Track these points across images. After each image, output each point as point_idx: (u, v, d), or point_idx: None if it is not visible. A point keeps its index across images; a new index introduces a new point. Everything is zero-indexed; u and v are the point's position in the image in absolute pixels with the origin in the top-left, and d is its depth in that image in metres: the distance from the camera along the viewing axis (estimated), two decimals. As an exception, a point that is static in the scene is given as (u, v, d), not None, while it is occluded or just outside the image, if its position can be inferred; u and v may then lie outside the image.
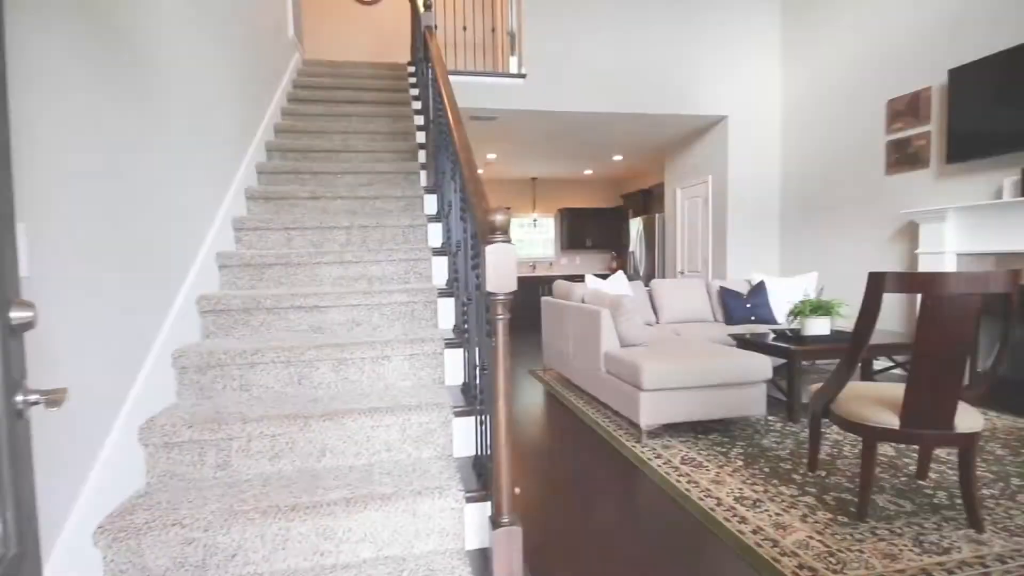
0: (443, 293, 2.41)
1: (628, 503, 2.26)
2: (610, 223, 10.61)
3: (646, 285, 5.18)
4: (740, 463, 2.61)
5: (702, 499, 2.23)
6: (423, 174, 3.46)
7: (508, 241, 1.30)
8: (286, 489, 1.63)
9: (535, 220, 10.63)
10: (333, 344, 2.05)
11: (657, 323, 4.88)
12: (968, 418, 1.93)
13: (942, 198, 4.21)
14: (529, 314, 9.89)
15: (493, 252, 1.27)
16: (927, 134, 4.32)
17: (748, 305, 4.65)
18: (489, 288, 1.28)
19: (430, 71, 3.21)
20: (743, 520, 2.04)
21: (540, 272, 10.54)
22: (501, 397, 1.36)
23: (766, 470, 2.51)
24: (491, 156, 7.99)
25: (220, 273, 2.52)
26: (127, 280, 1.69)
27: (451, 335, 2.21)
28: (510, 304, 1.33)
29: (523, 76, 5.39)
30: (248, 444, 1.76)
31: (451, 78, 5.26)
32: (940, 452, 2.64)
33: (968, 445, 1.92)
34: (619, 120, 6.03)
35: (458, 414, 1.85)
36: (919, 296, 1.82)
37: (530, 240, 10.73)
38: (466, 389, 2.00)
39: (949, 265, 4.03)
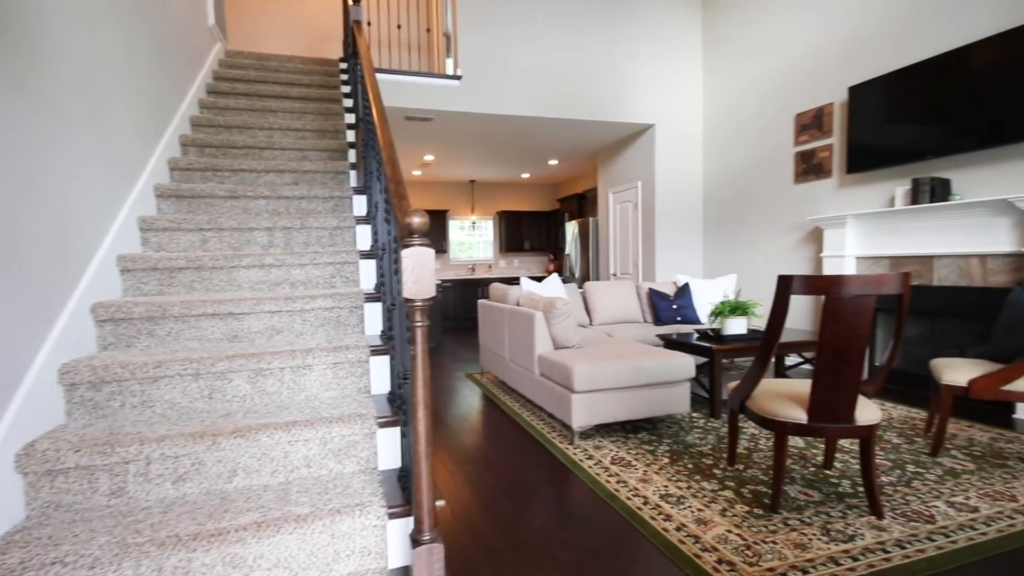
0: (371, 298, 2.30)
1: (559, 507, 2.24)
2: (547, 226, 10.71)
3: (580, 287, 5.24)
4: (666, 460, 2.66)
5: (630, 499, 2.24)
6: (353, 174, 3.31)
7: (427, 245, 1.23)
8: (190, 516, 1.48)
9: (474, 222, 10.56)
10: (248, 354, 1.89)
11: (591, 324, 4.95)
12: (867, 411, 2.06)
13: (843, 206, 4.53)
14: (469, 316, 9.82)
15: (410, 256, 1.20)
16: (830, 146, 4.64)
17: (675, 306, 4.80)
18: (406, 294, 1.21)
19: (359, 67, 3.08)
20: (668, 518, 2.07)
21: (479, 274, 10.47)
22: (421, 407, 1.29)
23: (690, 466, 2.58)
24: (428, 157, 7.84)
25: (122, 278, 2.28)
26: (-3, 288, 1.47)
27: (378, 342, 2.10)
28: (429, 310, 1.26)
29: (459, 78, 5.31)
30: (147, 467, 1.59)
31: (386, 77, 5.13)
32: (844, 442, 2.81)
33: (867, 436, 2.05)
34: (553, 125, 6.07)
35: (383, 424, 1.76)
36: (823, 297, 1.91)
37: (469, 242, 10.64)
38: (392, 398, 1.91)
39: (849, 268, 4.34)
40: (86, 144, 2.04)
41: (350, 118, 4.07)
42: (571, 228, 8.76)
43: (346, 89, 4.55)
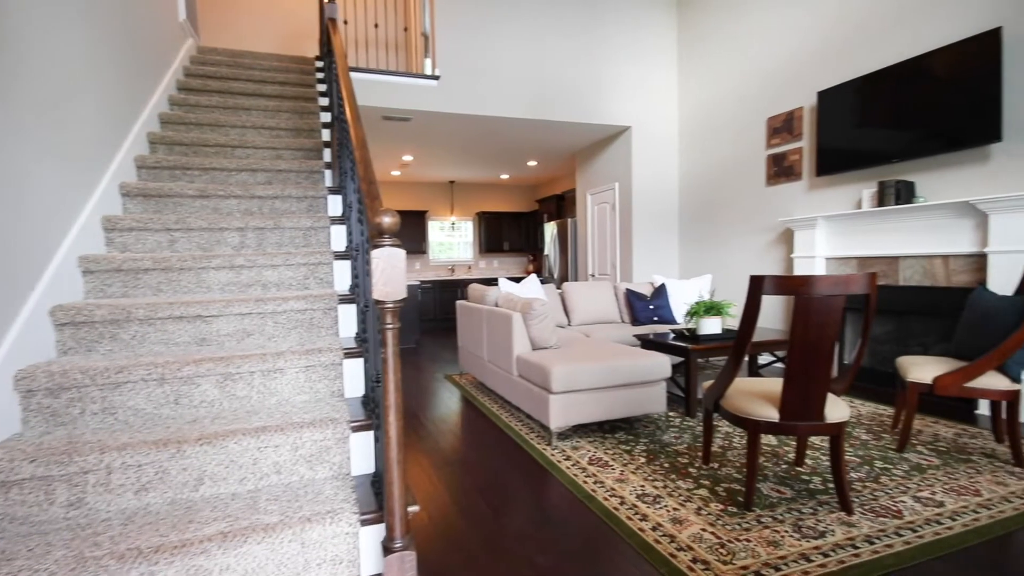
0: (345, 299, 2.25)
1: (537, 509, 2.22)
2: (527, 227, 10.71)
3: (559, 288, 5.23)
4: (643, 460, 2.66)
5: (607, 499, 2.24)
6: (328, 173, 3.24)
7: (397, 245, 1.19)
8: (152, 527, 1.42)
9: (453, 223, 10.49)
10: (217, 357, 1.82)
11: (569, 325, 4.95)
12: (836, 409, 2.08)
13: (813, 207, 4.62)
14: (449, 317, 9.75)
15: (380, 257, 1.16)
16: (800, 149, 4.72)
17: (651, 306, 4.83)
18: (376, 296, 1.17)
19: (335, 65, 3.01)
20: (644, 517, 2.06)
21: (459, 275, 10.41)
22: (392, 411, 1.25)
23: (666, 465, 2.58)
24: (407, 157, 7.76)
25: (84, 280, 2.18)
26: (-56, 291, 1.39)
27: (353, 344, 2.05)
28: (399, 312, 1.22)
29: (437, 78, 5.26)
30: (108, 477, 1.51)
31: (363, 76, 5.05)
32: (814, 439, 2.85)
33: (837, 433, 2.07)
34: (531, 126, 6.06)
35: (356, 429, 1.71)
36: (793, 297, 1.92)
37: (449, 243, 10.58)
38: (366, 401, 1.86)
39: (819, 268, 4.42)
40: (43, 140, 1.95)
41: (326, 117, 4.00)
42: (550, 229, 8.77)
43: (322, 87, 4.46)
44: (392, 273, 1.17)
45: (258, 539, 1.36)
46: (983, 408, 3.29)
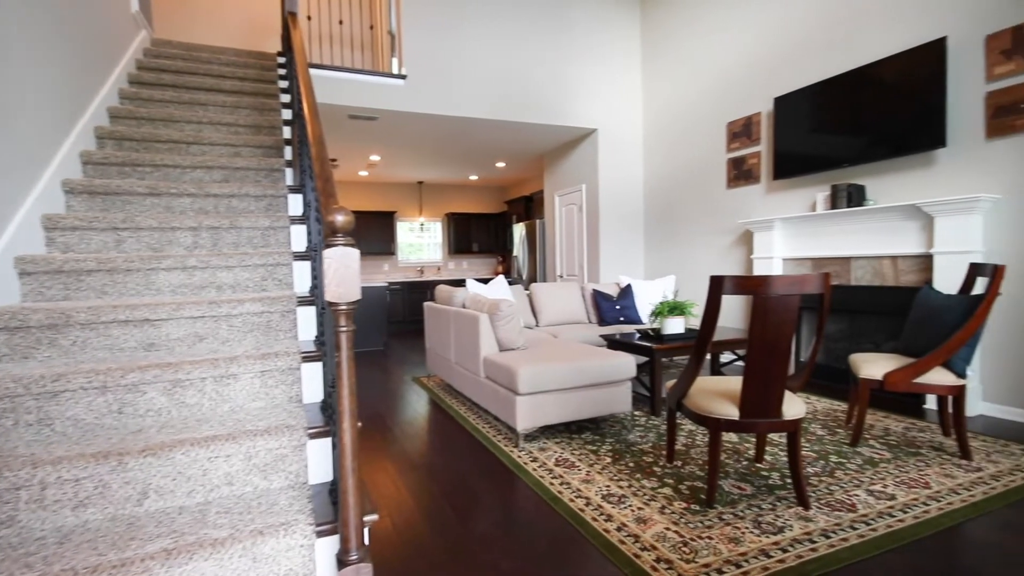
0: (304, 301, 2.16)
1: (503, 513, 2.18)
2: (496, 228, 10.68)
3: (527, 289, 5.22)
4: (608, 460, 2.66)
5: (573, 500, 2.22)
6: (289, 172, 3.13)
7: (351, 245, 1.14)
8: (90, 545, 1.32)
9: (422, 224, 10.37)
10: (165, 363, 1.72)
11: (537, 326, 4.93)
12: (793, 406, 2.12)
13: (771, 210, 4.73)
14: (417, 319, 9.62)
15: (332, 257, 1.10)
16: (758, 153, 4.84)
17: (618, 307, 4.86)
18: (329, 297, 1.11)
19: (296, 60, 2.91)
20: (609, 518, 2.05)
21: (428, 276, 10.29)
22: (347, 417, 1.20)
23: (631, 465, 2.58)
24: (375, 157, 7.62)
25: (21, 282, 2.04)
26: None
27: (312, 347, 1.97)
28: (354, 314, 1.17)
29: (403, 77, 5.17)
30: (42, 493, 1.40)
31: (328, 74, 4.92)
32: (773, 436, 2.90)
33: (794, 430, 2.11)
34: (499, 127, 6.03)
35: (313, 435, 1.64)
36: (752, 296, 1.95)
37: (419, 244, 10.45)
38: (325, 407, 1.79)
39: (777, 268, 4.53)
40: (-28, 133, 1.81)
41: (287, 114, 3.87)
42: (519, 230, 8.76)
43: (284, 84, 4.32)
44: (346, 274, 1.11)
45: (205, 555, 1.28)
46: (931, 403, 3.42)
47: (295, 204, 2.87)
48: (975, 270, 2.74)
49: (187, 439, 1.53)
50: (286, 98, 4.14)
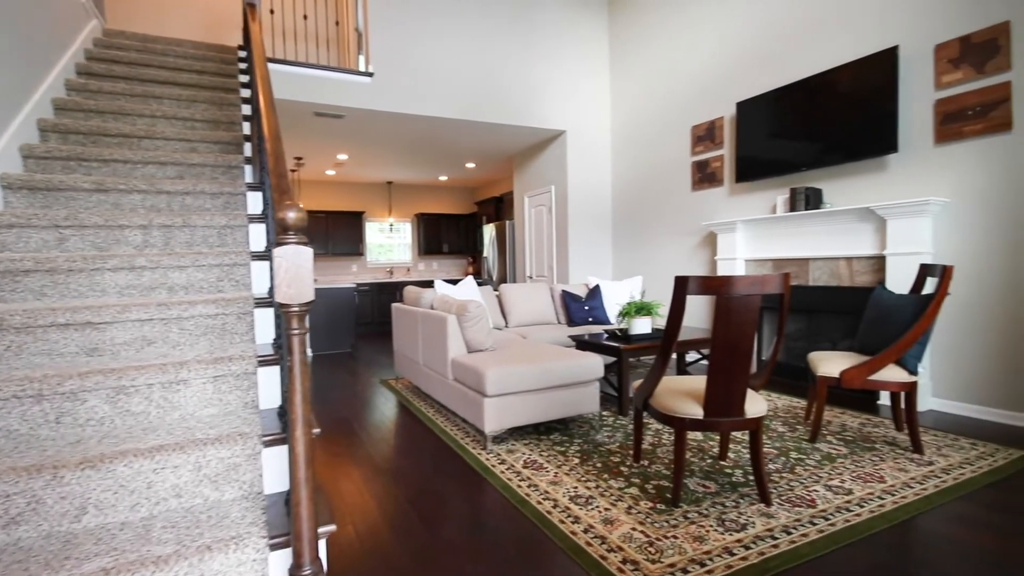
0: (262, 303, 2.07)
1: (470, 517, 2.14)
2: (466, 229, 10.60)
3: (496, 290, 5.18)
4: (576, 461, 2.64)
5: (540, 502, 2.19)
6: (248, 169, 3.01)
7: (304, 243, 1.07)
8: (21, 566, 1.21)
9: (391, 224, 10.21)
10: (108, 369, 1.61)
11: (506, 327, 4.90)
12: (755, 404, 2.15)
13: (734, 212, 4.83)
14: (387, 320, 9.46)
15: (283, 256, 1.04)
16: (721, 157, 4.93)
17: (586, 307, 4.87)
18: (280, 298, 1.05)
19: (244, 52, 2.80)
20: (576, 520, 2.03)
21: (398, 277, 10.14)
22: (300, 424, 1.14)
23: (599, 465, 2.57)
24: (342, 156, 7.45)
25: (-52, 283, 1.88)
26: None
27: (270, 351, 1.88)
28: (306, 316, 1.11)
29: (370, 75, 5.06)
30: (-35, 511, 1.29)
31: (293, 69, 4.78)
32: (736, 433, 2.94)
33: (756, 428, 2.13)
34: (469, 128, 5.98)
35: (269, 443, 1.56)
36: (715, 297, 1.96)
37: (389, 244, 10.28)
38: (283, 413, 1.71)
39: (740, 269, 4.62)
40: None
41: (248, 109, 3.73)
42: (488, 231, 8.71)
43: (245, 78, 4.17)
44: (298, 273, 1.05)
45: (147, 574, 1.19)
46: (884, 399, 3.54)
47: (254, 202, 2.76)
48: (925, 271, 2.84)
49: (130, 450, 1.44)
50: (247, 93, 3.99)
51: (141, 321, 1.89)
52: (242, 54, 4.50)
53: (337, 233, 9.45)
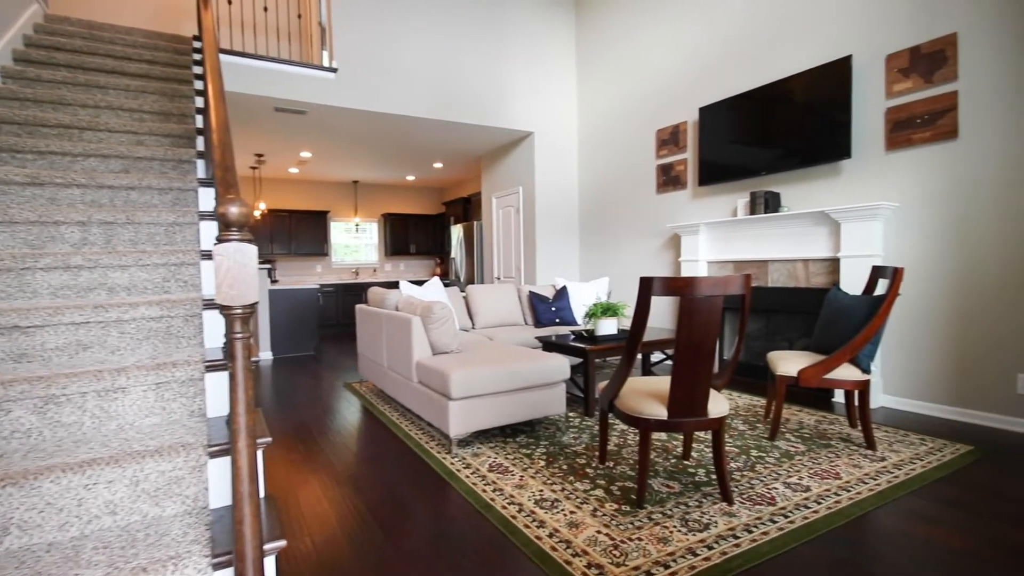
0: (212, 304, 1.95)
1: (432, 525, 2.07)
2: (433, 229, 10.47)
3: (463, 291, 5.11)
4: (542, 463, 2.61)
5: (505, 507, 2.14)
6: (201, 164, 2.86)
7: (248, 240, 0.99)
8: (-78, 598, 1.08)
9: (358, 224, 9.99)
10: (35, 377, 1.48)
11: (473, 328, 4.83)
12: (717, 404, 2.15)
13: (697, 215, 4.90)
14: (353, 322, 9.23)
15: (224, 254, 0.96)
16: (685, 161, 5.00)
17: (553, 308, 4.86)
18: (221, 300, 0.97)
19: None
20: (541, 524, 1.99)
21: (364, 278, 9.93)
22: (243, 435, 1.05)
23: (564, 467, 2.55)
24: (305, 154, 7.24)
25: None
26: None
27: (219, 355, 1.77)
28: (250, 318, 1.03)
29: (334, 71, 4.92)
30: None
31: (252, 63, 4.60)
32: (699, 433, 2.96)
33: (718, 427, 2.14)
34: (436, 127, 5.89)
35: (215, 454, 1.46)
36: (679, 298, 1.96)
37: (355, 245, 10.05)
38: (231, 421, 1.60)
39: (703, 271, 4.70)
40: None
41: (202, 102, 3.55)
42: (456, 232, 8.62)
43: (199, 70, 3.98)
44: (241, 273, 0.97)
45: (71, 602, 1.09)
46: (839, 396, 3.64)
47: (207, 198, 2.61)
48: (877, 272, 2.93)
49: (59, 464, 1.32)
50: (201, 85, 3.81)
51: (76, 324, 1.75)
52: (197, 45, 4.29)
53: (301, 233, 9.18)
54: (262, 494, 1.58)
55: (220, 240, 0.98)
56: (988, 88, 3.02)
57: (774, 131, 4.06)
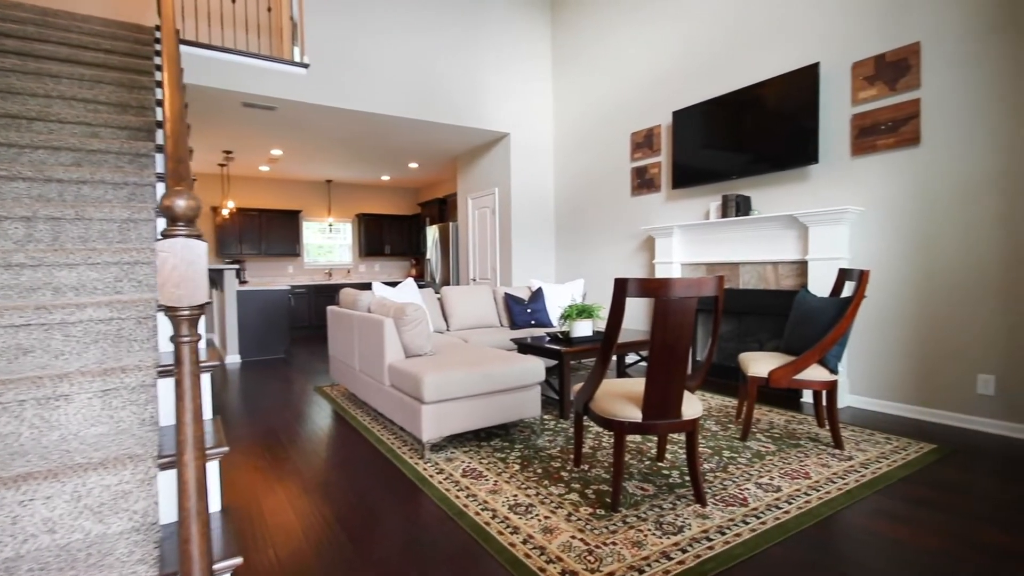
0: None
1: (403, 533, 1.99)
2: (409, 230, 10.33)
3: (437, 292, 5.03)
4: (517, 467, 2.56)
5: (478, 514, 2.08)
6: (160, 158, 2.72)
7: (196, 236, 0.91)
8: None
9: (331, 224, 9.78)
10: (-34, 385, 1.35)
11: (448, 330, 4.76)
12: (691, 406, 2.14)
13: (671, 217, 4.93)
14: (325, 324, 9.03)
15: (168, 250, 0.88)
16: (659, 164, 5.03)
17: (529, 310, 4.82)
18: (165, 300, 0.89)
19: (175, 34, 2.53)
20: (515, 530, 1.94)
21: (337, 279, 9.72)
22: (189, 448, 0.97)
23: (539, 471, 2.50)
24: (276, 152, 7.04)
25: None
26: None
27: (173, 360, 1.66)
28: (199, 320, 0.95)
29: (305, 66, 4.78)
30: None
31: (219, 55, 4.43)
32: (673, 434, 2.96)
33: (692, 429, 2.13)
34: (411, 126, 5.79)
35: (166, 465, 1.36)
36: (653, 299, 1.93)
37: (329, 246, 9.84)
38: (186, 430, 1.50)
39: (676, 273, 4.72)
40: None
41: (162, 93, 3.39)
42: (432, 233, 8.52)
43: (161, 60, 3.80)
44: (188, 271, 0.89)
45: (-4, 633, 0.98)
46: (807, 396, 3.69)
47: (166, 195, 2.48)
48: (843, 275, 2.98)
49: (-12, 480, 1.20)
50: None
51: (15, 327, 1.62)
52: (160, 35, 4.11)
53: (272, 232, 8.94)
54: (217, 508, 1.49)
55: (166, 235, 0.90)
56: (949, 96, 3.10)
57: (745, 136, 4.11)
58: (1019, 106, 2.86)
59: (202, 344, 1.83)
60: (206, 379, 1.69)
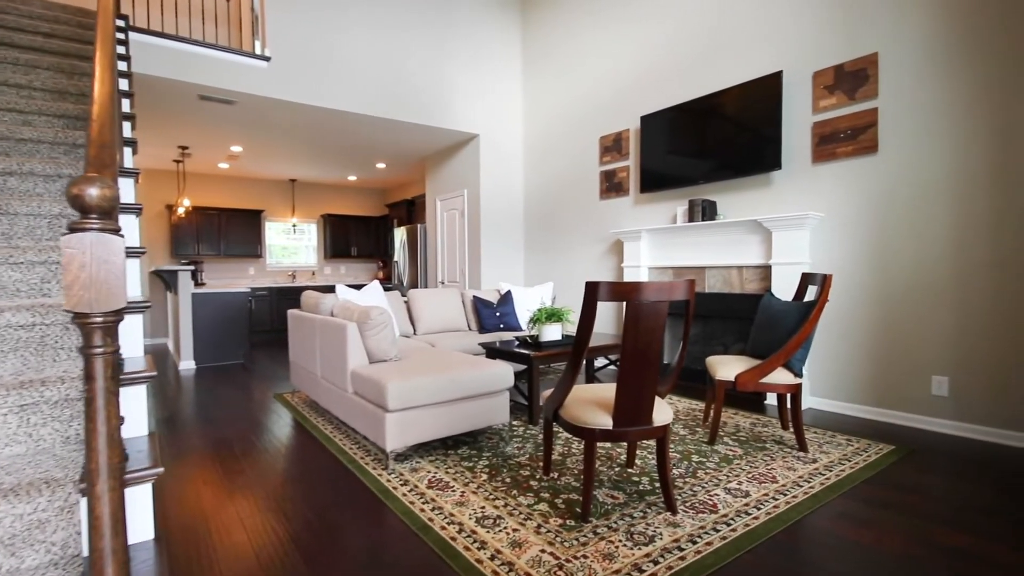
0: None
1: (365, 551, 1.87)
2: (376, 231, 10.09)
3: (404, 295, 4.88)
4: (485, 477, 2.46)
5: (444, 528, 1.97)
6: (101, 152, 2.50)
7: (114, 231, 0.78)
8: None
9: (295, 225, 9.46)
10: None
11: (415, 334, 4.62)
12: (662, 412, 2.09)
13: (639, 221, 4.94)
14: (287, 329, 8.69)
15: (75, 246, 0.75)
16: (627, 168, 5.03)
17: (498, 314, 4.72)
18: (71, 305, 0.76)
19: (126, 20, 2.33)
20: (483, 545, 1.84)
21: (302, 281, 9.40)
22: (103, 476, 0.84)
23: (508, 480, 2.41)
24: (236, 148, 6.73)
25: None
26: None
27: (106, 370, 1.50)
28: (115, 328, 0.82)
29: (267, 59, 4.57)
30: None
31: (173, 44, 4.18)
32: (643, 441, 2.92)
33: (663, 435, 2.08)
34: (378, 125, 5.63)
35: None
36: (624, 303, 1.88)
37: (294, 247, 9.50)
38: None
39: (644, 276, 4.72)
40: None
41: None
42: (399, 234, 8.33)
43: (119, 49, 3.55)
44: (100, 272, 0.76)
45: None
46: (771, 399, 3.73)
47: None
48: (806, 279, 3.01)
49: None
50: (121, 65, 3.40)
51: (-82, 334, 1.43)
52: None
53: (232, 232, 8.57)
54: (149, 536, 1.34)
55: (73, 229, 0.77)
56: (905, 106, 3.18)
57: (711, 141, 4.14)
58: (968, 116, 2.96)
59: (138, 352, 1.66)
60: (141, 392, 1.53)
